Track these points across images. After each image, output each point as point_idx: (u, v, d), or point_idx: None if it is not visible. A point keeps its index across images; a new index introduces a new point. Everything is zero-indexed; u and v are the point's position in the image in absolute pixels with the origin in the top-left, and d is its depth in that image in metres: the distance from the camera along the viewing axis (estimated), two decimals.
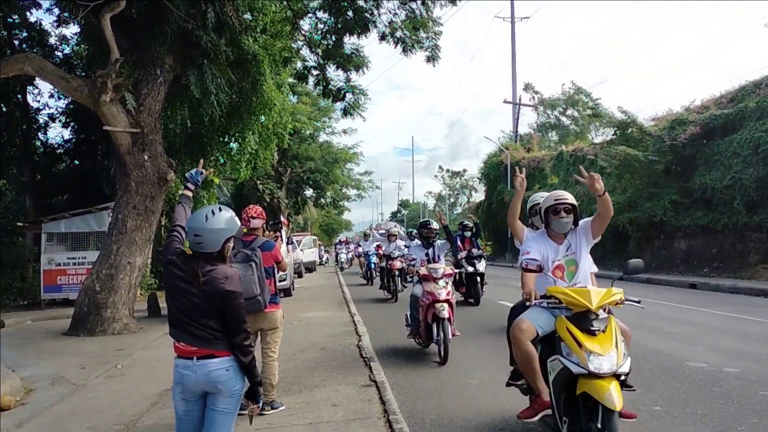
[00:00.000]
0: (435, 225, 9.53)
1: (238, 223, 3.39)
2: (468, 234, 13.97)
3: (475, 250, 13.47)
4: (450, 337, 7.65)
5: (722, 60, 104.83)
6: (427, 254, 8.98)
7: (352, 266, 35.51)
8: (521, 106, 43.27)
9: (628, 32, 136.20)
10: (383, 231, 20.36)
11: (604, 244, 25.27)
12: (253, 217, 5.79)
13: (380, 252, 19.63)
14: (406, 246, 13.59)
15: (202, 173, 4.11)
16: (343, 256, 35.83)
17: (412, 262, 8.77)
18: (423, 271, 8.05)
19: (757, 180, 17.01)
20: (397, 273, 15.89)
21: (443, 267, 8.11)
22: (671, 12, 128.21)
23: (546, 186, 33.71)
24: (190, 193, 3.91)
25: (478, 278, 13.41)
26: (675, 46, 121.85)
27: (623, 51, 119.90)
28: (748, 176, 17.29)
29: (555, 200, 4.56)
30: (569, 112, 50.29)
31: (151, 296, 14.43)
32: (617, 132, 22.31)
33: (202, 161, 5.13)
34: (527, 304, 4.30)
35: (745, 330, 9.36)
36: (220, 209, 3.32)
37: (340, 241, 41.94)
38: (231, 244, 3.34)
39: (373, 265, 21.74)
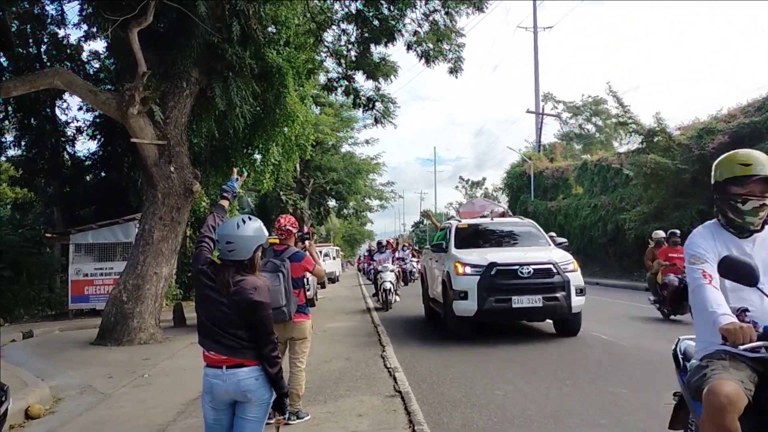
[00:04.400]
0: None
1: (266, 232, 3.42)
2: None
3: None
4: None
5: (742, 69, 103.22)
6: None
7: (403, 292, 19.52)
8: (544, 116, 43.09)
9: (649, 40, 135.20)
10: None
11: (630, 254, 24.94)
12: (287, 227, 5.77)
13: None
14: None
15: (238, 180, 4.16)
16: (388, 277, 16.34)
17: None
18: None
19: None
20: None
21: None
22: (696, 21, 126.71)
23: (570, 196, 33.50)
24: (226, 204, 3.93)
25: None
26: (695, 56, 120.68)
27: (640, 64, 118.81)
28: None
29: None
30: (593, 119, 50.01)
31: (176, 306, 14.55)
32: (644, 141, 22.08)
33: (235, 170, 5.15)
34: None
35: None
36: (249, 218, 3.35)
37: (380, 243, 19.93)
38: (260, 253, 3.37)
39: None
